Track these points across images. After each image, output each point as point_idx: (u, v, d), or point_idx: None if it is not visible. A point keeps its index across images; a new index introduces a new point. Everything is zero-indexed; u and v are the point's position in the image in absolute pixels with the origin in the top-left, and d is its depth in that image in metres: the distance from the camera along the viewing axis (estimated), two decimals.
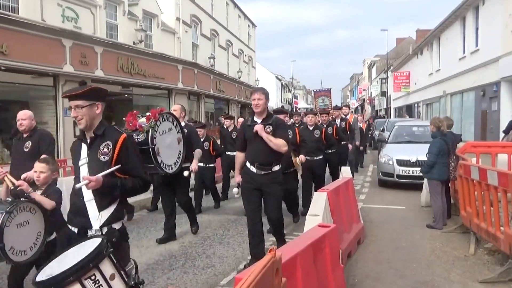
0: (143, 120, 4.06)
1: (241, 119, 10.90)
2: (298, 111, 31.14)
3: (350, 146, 10.57)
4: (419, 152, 8.98)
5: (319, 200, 4.50)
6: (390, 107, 41.64)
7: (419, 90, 30.00)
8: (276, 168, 4.85)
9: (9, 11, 11.11)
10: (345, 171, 7.10)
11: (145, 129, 3.93)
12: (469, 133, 19.45)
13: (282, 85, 55.34)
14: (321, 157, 7.85)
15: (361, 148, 13.72)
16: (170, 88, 18.59)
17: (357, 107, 66.18)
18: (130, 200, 8.00)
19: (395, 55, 44.43)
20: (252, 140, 4.85)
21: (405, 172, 9.96)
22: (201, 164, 7.53)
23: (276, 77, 50.92)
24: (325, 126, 8.87)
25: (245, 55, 32.89)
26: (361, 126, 14.35)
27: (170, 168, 4.08)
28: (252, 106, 4.84)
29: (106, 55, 13.95)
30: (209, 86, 22.87)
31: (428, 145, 6.92)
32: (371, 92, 55.50)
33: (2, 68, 10.59)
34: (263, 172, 4.77)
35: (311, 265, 2.94)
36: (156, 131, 3.97)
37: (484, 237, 5.20)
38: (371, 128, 21.75)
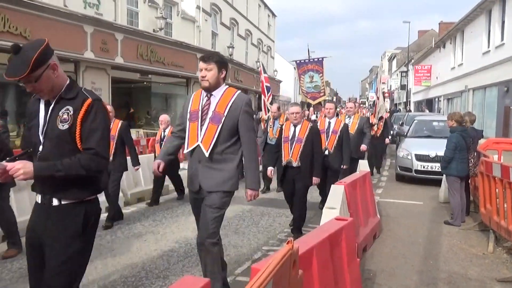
0: None
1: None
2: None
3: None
4: (439, 148, 8.81)
5: (337, 193, 4.47)
6: (409, 101, 41.03)
7: (440, 84, 29.44)
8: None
9: None
10: (363, 165, 7.05)
11: None
12: (490, 129, 19.05)
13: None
14: None
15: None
16: (189, 77, 18.60)
17: (374, 101, 65.35)
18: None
19: (417, 48, 43.68)
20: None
21: (423, 167, 9.83)
22: None
23: (294, 68, 50.48)
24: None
25: (264, 45, 32.67)
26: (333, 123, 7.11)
27: None
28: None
29: (126, 42, 14.01)
30: (227, 76, 22.79)
31: None
32: (390, 85, 54.77)
33: None
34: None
35: (327, 258, 2.92)
36: None
37: (503, 235, 5.11)
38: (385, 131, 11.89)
